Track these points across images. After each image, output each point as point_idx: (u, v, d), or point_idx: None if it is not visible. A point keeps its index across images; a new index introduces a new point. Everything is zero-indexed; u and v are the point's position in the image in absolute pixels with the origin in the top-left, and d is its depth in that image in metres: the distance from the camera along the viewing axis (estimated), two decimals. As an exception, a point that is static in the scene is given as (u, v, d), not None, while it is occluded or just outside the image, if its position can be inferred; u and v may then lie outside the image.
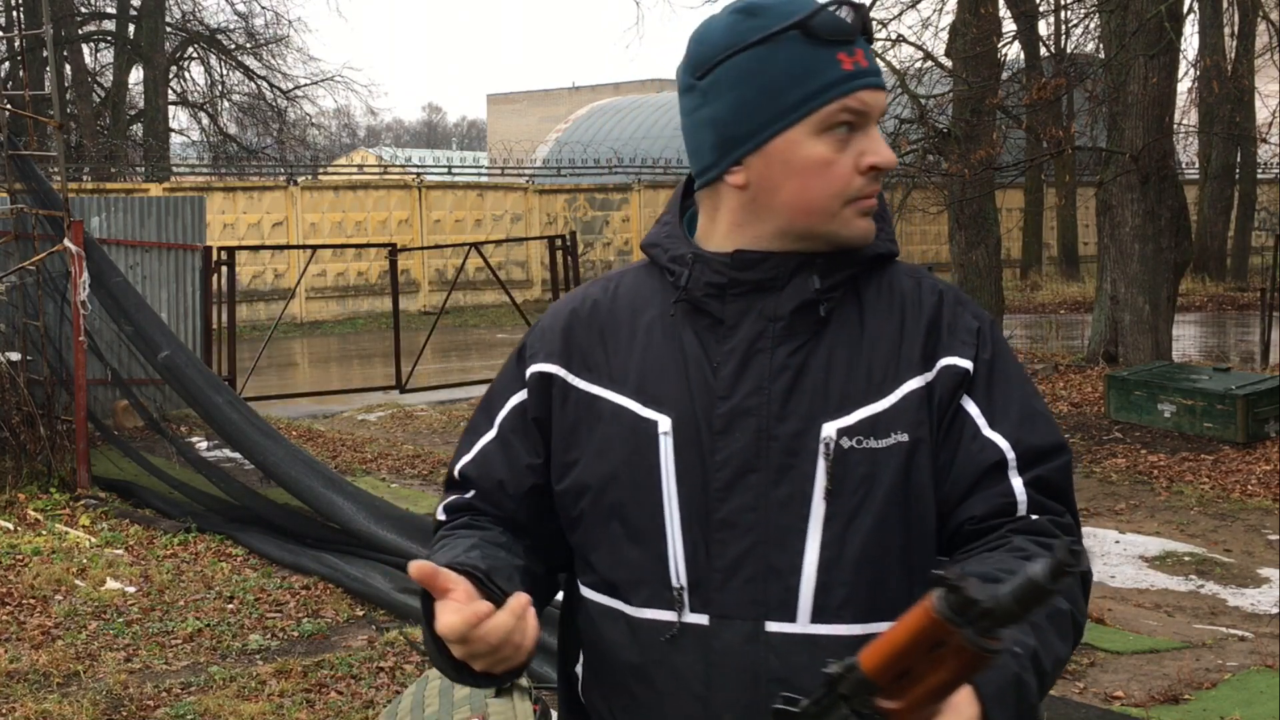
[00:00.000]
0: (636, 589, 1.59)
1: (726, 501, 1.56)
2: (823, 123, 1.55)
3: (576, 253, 14.30)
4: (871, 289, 1.63)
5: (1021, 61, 21.30)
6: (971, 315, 1.64)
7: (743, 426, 1.57)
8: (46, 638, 6.15)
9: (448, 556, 1.56)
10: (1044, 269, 29.00)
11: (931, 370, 1.60)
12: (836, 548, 1.54)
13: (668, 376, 1.61)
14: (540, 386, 1.67)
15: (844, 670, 1.27)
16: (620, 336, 1.65)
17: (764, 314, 1.59)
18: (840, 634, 1.54)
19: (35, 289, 9.54)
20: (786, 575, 1.54)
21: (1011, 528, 1.55)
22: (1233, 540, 8.00)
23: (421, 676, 2.69)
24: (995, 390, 1.61)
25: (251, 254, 21.45)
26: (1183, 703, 5.31)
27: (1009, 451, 1.58)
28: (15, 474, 8.94)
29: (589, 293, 1.72)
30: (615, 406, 1.62)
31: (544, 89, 53.34)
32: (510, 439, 1.68)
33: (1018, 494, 1.57)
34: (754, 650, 1.54)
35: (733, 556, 1.55)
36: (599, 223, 27.25)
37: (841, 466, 1.55)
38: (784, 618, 1.54)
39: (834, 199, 1.57)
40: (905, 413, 1.58)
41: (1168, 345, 13.83)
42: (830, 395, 1.57)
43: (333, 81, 35.74)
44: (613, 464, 1.60)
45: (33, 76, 22.21)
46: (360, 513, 7.35)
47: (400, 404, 13.59)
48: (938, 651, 1.21)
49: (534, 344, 1.70)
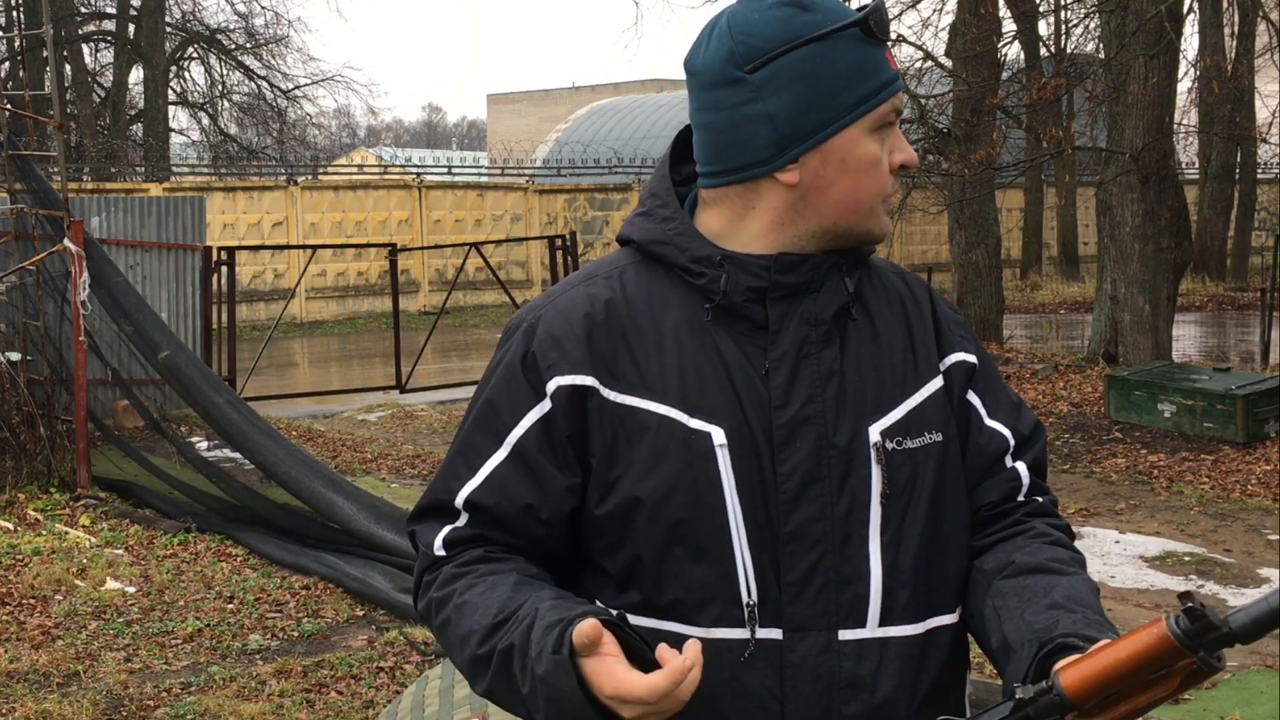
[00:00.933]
0: (703, 609, 1.53)
1: (794, 514, 1.53)
2: (876, 121, 1.57)
3: (576, 253, 14.30)
4: (868, 288, 1.64)
5: (1021, 61, 21.28)
6: (949, 308, 1.72)
7: (804, 436, 1.54)
8: (46, 638, 6.14)
9: (523, 599, 1.47)
10: (1044, 269, 29.01)
11: (944, 366, 1.65)
12: (895, 550, 1.56)
13: (711, 385, 1.55)
14: (572, 401, 1.55)
15: (1037, 694, 1.27)
16: (646, 342, 1.57)
17: (805, 318, 1.57)
18: (905, 634, 1.56)
19: (35, 289, 9.55)
20: (855, 583, 1.54)
21: (1024, 511, 1.66)
22: (1233, 540, 8.00)
23: (421, 676, 2.69)
24: (989, 381, 1.68)
25: (251, 254, 21.45)
26: (1183, 703, 5.31)
27: (1010, 438, 1.66)
28: (15, 474, 8.94)
29: (595, 293, 1.60)
30: (660, 418, 1.54)
31: (544, 89, 53.32)
32: (537, 459, 1.55)
33: (1022, 477, 1.66)
34: (828, 660, 1.54)
35: (803, 569, 1.53)
36: (599, 223, 27.24)
37: (890, 469, 1.56)
38: (855, 624, 1.54)
39: (877, 197, 1.59)
40: (933, 411, 1.61)
41: (1168, 345, 13.83)
42: (866, 398, 1.58)
43: (333, 81, 35.85)
44: (666, 480, 1.52)
45: (33, 76, 22.22)
46: (360, 513, 7.36)
47: (400, 404, 13.59)
48: (1160, 674, 1.24)
49: (548, 354, 1.56)
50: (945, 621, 1.60)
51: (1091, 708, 1.26)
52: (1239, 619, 1.22)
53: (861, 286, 1.63)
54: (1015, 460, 1.66)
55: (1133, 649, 1.23)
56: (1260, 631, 1.22)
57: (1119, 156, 13.56)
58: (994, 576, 1.57)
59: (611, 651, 1.36)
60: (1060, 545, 1.61)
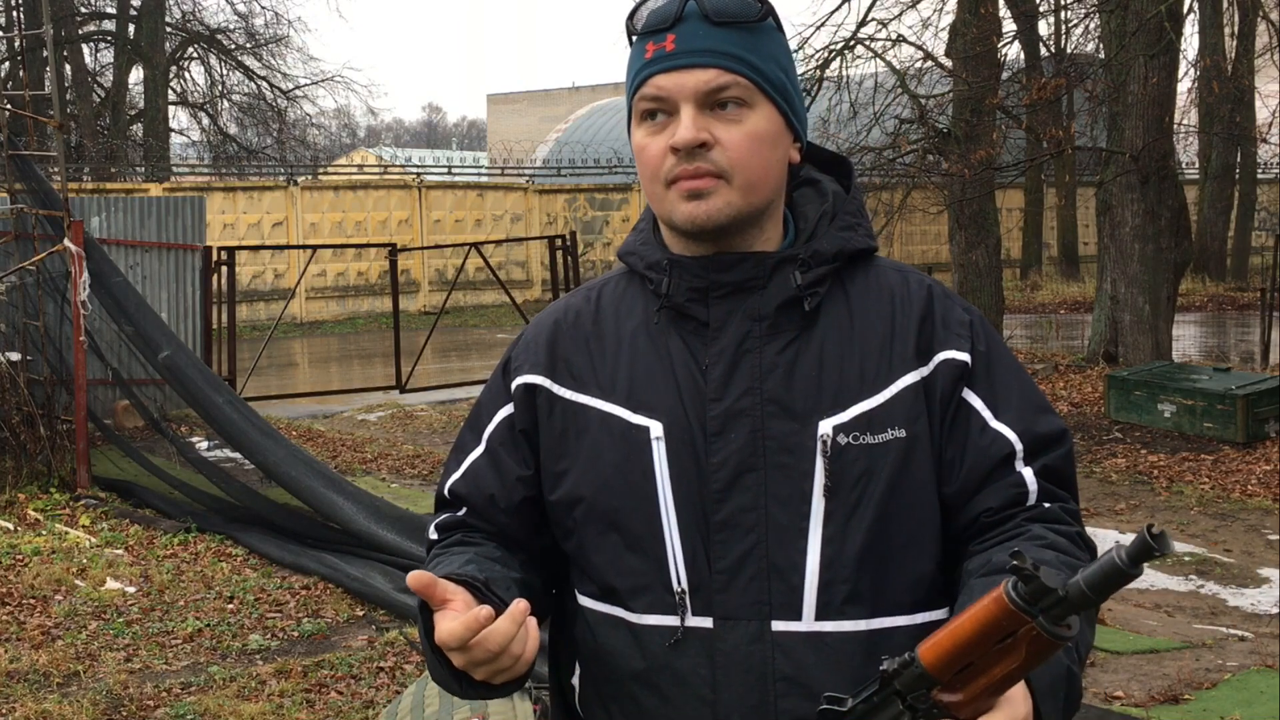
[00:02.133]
0: (637, 595, 1.58)
1: (725, 503, 1.55)
2: (639, 113, 1.61)
3: (576, 253, 14.30)
4: (859, 285, 1.63)
5: (1021, 61, 21.29)
6: (961, 308, 1.65)
7: (737, 427, 1.56)
8: (46, 638, 6.14)
9: (444, 571, 1.56)
10: (1044, 269, 29.00)
11: (928, 365, 1.60)
12: (838, 544, 1.54)
13: (656, 382, 1.60)
14: (525, 398, 1.66)
15: (900, 666, 1.26)
16: (606, 345, 1.65)
17: (749, 314, 1.59)
18: (846, 630, 1.54)
19: (35, 289, 9.55)
20: (789, 574, 1.54)
21: (1025, 516, 1.57)
22: (1233, 540, 8.00)
23: (422, 676, 2.69)
24: (996, 381, 1.62)
25: (251, 254, 21.45)
26: (1183, 703, 5.31)
27: (1017, 442, 1.59)
28: (15, 474, 8.95)
29: (570, 303, 1.72)
30: (604, 414, 1.61)
31: (544, 89, 53.32)
32: (499, 452, 1.68)
33: (1029, 484, 1.58)
34: (760, 650, 1.54)
35: (734, 558, 1.55)
36: (599, 223, 27.25)
37: (839, 463, 1.55)
38: (789, 616, 1.54)
39: (651, 181, 1.59)
40: (901, 408, 1.58)
41: (1168, 345, 13.83)
42: (824, 392, 1.57)
43: (333, 81, 35.83)
44: (605, 472, 1.60)
45: (33, 76, 22.21)
46: (360, 513, 7.36)
47: (400, 404, 13.59)
48: (1005, 642, 1.21)
49: (518, 357, 1.70)
50: (897, 623, 1.56)
51: (952, 680, 1.24)
52: (1074, 583, 1.17)
53: (849, 284, 1.63)
54: (1025, 466, 1.59)
55: (975, 615, 1.21)
56: (1097, 594, 1.17)
57: (1119, 156, 13.56)
58: (972, 576, 1.53)
59: (457, 607, 1.44)
60: (1054, 549, 1.52)
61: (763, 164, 1.58)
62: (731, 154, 1.55)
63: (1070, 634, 1.20)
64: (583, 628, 1.65)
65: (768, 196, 1.60)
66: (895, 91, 15.35)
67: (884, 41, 15.20)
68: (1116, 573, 1.16)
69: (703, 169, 1.55)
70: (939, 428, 1.59)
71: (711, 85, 1.55)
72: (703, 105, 1.56)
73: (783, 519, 1.55)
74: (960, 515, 1.59)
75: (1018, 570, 1.18)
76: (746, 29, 1.58)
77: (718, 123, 1.56)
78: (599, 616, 1.62)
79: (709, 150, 1.55)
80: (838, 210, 1.66)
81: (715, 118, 1.56)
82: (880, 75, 15.82)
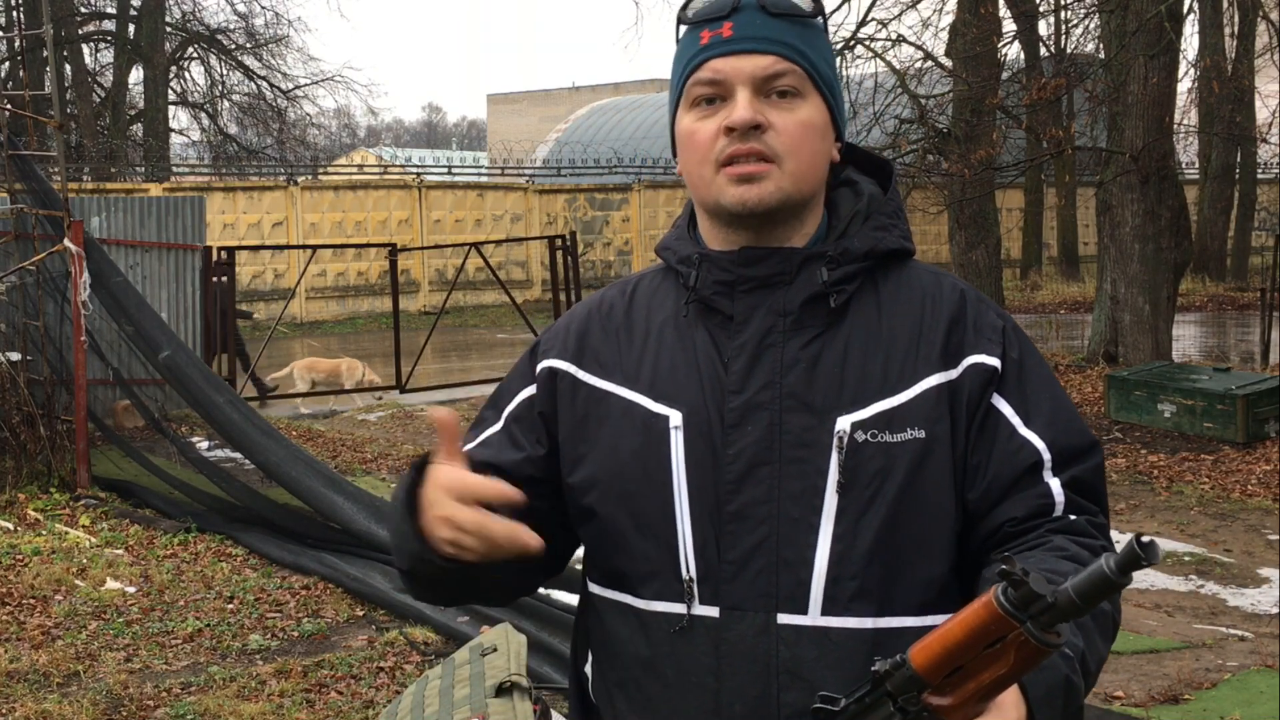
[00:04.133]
0: (646, 582, 1.60)
1: (738, 494, 1.56)
2: (690, 99, 1.62)
3: (576, 253, 14.31)
4: (890, 285, 1.64)
5: (1021, 61, 21.29)
6: (995, 314, 1.64)
7: (755, 420, 1.57)
8: (46, 638, 6.14)
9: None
10: (1044, 269, 29.00)
11: (956, 368, 1.59)
12: (848, 541, 1.54)
13: (679, 373, 1.62)
14: (549, 382, 1.69)
15: (892, 667, 1.26)
16: (635, 336, 1.68)
17: (774, 309, 1.60)
18: (852, 627, 1.54)
19: (35, 289, 9.55)
20: (797, 567, 1.54)
21: (1050, 528, 1.54)
22: (1233, 540, 8.00)
23: (422, 676, 2.69)
24: (1027, 388, 1.60)
25: (251, 254, 21.45)
26: (1183, 703, 5.31)
27: (1045, 452, 1.57)
28: (15, 474, 8.95)
29: (606, 295, 1.76)
30: (626, 402, 1.64)
31: (544, 89, 53.33)
32: (513, 429, 1.70)
33: (1056, 495, 1.56)
34: (765, 642, 1.54)
35: (744, 549, 1.55)
36: (599, 223, 27.25)
37: (854, 460, 1.55)
38: (795, 610, 1.54)
39: (701, 164, 1.61)
40: (922, 409, 1.57)
41: (1168, 345, 13.83)
42: (845, 389, 1.58)
43: (333, 81, 35.85)
44: (623, 457, 1.62)
45: (33, 76, 22.21)
46: (360, 513, 7.36)
47: (400, 404, 13.58)
48: (994, 647, 1.21)
49: (547, 342, 1.73)
50: (905, 623, 1.55)
51: (942, 683, 1.24)
52: (1063, 590, 1.17)
53: (880, 283, 1.63)
54: (1053, 476, 1.56)
55: (964, 619, 1.21)
56: (1086, 602, 1.17)
57: (1119, 156, 13.56)
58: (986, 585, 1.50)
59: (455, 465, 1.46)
60: (1074, 560, 1.47)
61: (811, 153, 1.60)
62: (785, 139, 1.57)
63: (1058, 641, 1.20)
64: (593, 615, 1.67)
65: (814, 187, 1.62)
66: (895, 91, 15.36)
67: (884, 41, 15.22)
68: (1105, 581, 1.16)
69: (756, 149, 1.57)
70: (965, 433, 1.57)
71: (769, 71, 1.58)
72: (758, 90, 1.58)
73: (794, 513, 1.55)
74: (983, 523, 1.57)
75: (1007, 575, 1.19)
76: (801, 23, 1.61)
77: (771, 109, 1.58)
78: (607, 603, 1.64)
79: (763, 132, 1.57)
80: (872, 210, 1.66)
81: (769, 104, 1.58)
82: (880, 75, 15.83)
